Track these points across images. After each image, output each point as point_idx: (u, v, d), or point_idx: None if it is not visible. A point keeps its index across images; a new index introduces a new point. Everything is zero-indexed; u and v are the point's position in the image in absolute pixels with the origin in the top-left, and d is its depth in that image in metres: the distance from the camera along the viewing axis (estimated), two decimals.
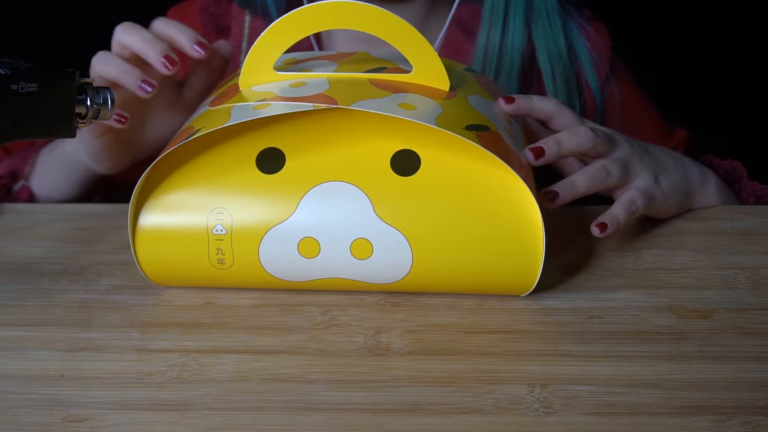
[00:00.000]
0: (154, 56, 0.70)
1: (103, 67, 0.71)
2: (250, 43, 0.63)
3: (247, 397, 0.56)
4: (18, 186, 0.88)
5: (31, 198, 0.87)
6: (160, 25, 0.72)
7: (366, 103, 0.60)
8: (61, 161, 0.85)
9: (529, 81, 0.92)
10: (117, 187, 0.88)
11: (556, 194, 0.65)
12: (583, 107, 0.94)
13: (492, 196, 0.61)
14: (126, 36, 0.71)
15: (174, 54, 0.70)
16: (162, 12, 0.96)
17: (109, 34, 0.73)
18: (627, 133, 0.73)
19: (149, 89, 0.70)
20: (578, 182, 0.66)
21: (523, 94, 0.70)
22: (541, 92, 0.92)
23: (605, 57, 0.93)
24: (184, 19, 0.95)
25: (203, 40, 0.72)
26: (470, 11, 0.92)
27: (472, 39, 0.92)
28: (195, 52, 0.71)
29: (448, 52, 0.92)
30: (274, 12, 0.92)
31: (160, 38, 0.71)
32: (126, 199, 0.64)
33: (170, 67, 0.70)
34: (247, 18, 0.94)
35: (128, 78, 0.70)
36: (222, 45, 0.78)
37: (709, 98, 1.37)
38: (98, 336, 0.62)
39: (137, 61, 0.72)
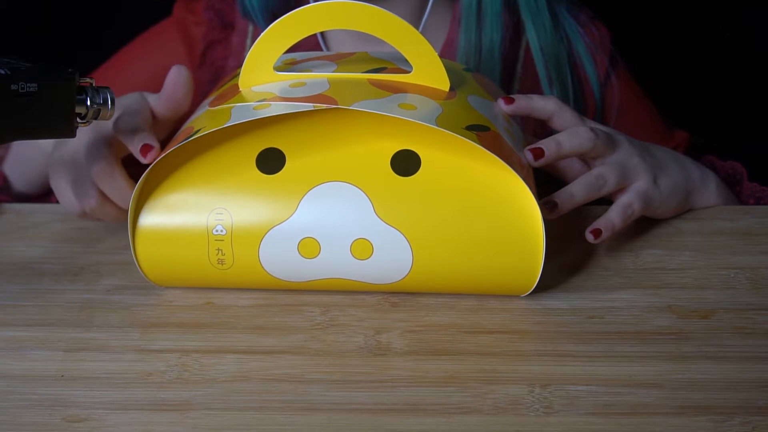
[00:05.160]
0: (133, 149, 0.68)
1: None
2: (254, 40, 0.63)
3: (247, 397, 0.56)
4: None
5: (5, 183, 0.87)
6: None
7: (366, 103, 0.60)
8: (35, 147, 0.84)
9: (514, 80, 0.92)
10: None
11: (555, 204, 0.65)
12: (583, 105, 0.94)
13: (492, 197, 0.61)
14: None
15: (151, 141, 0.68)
16: (168, 7, 0.97)
17: (112, 33, 0.73)
18: (626, 133, 0.73)
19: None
20: (576, 192, 0.66)
21: (523, 94, 0.70)
22: (536, 90, 0.92)
23: (606, 56, 0.93)
24: (189, 14, 0.95)
25: (150, 142, 0.67)
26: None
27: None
28: (141, 158, 0.67)
29: (447, 48, 0.92)
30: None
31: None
32: None
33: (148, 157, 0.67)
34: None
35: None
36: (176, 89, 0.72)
37: (710, 99, 1.37)
38: (98, 336, 0.62)
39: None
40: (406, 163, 0.62)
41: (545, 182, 0.70)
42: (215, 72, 0.94)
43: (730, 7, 1.39)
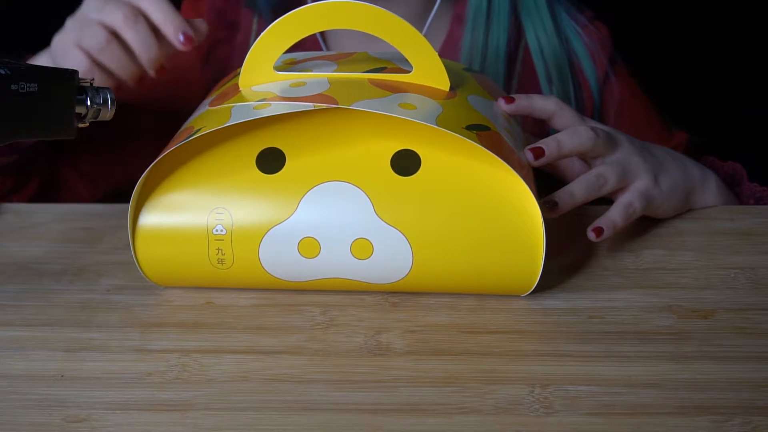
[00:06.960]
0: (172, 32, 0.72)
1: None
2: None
3: (247, 397, 0.56)
4: None
5: None
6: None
7: (366, 103, 0.60)
8: None
9: (513, 79, 0.92)
10: None
11: (555, 204, 0.65)
12: (581, 106, 0.94)
13: (492, 196, 0.61)
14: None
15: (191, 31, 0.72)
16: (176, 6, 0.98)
17: None
18: (625, 133, 0.73)
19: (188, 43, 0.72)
20: (576, 191, 0.66)
21: (523, 94, 0.70)
22: (535, 90, 0.92)
23: (605, 56, 0.93)
24: (194, 14, 0.96)
25: (189, 32, 0.73)
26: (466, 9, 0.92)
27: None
28: (179, 43, 0.73)
29: (446, 47, 0.92)
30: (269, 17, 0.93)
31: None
32: (126, 199, 0.64)
33: (187, 45, 0.72)
34: (256, 15, 0.95)
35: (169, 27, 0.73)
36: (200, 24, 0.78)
37: (710, 99, 1.37)
38: (98, 336, 0.62)
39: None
40: (406, 163, 0.62)
41: (545, 182, 0.70)
42: (219, 70, 0.95)
43: (730, 7, 1.39)
